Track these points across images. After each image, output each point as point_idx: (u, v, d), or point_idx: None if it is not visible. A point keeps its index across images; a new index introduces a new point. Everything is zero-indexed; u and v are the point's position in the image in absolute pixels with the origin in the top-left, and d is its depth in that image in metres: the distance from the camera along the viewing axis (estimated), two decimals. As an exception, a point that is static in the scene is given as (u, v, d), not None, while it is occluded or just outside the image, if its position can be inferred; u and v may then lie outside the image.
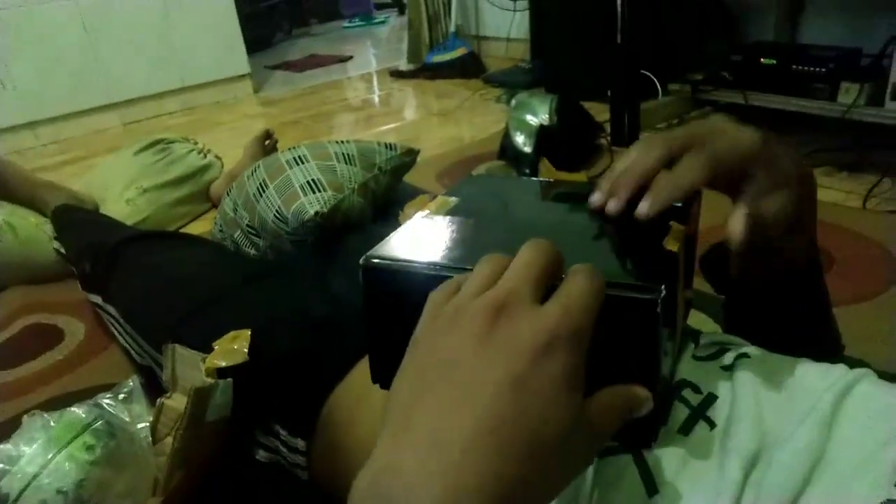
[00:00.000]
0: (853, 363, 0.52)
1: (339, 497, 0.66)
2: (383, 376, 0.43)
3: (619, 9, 1.82)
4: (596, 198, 0.46)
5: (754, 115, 0.41)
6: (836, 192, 1.58)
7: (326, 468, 0.70)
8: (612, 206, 0.44)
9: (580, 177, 0.45)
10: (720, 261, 0.56)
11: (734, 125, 0.46)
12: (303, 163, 0.94)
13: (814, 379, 0.46)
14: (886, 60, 1.63)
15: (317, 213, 0.87)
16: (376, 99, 3.13)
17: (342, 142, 1.02)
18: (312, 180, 0.91)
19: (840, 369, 0.48)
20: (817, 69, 1.78)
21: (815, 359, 0.49)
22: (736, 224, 0.45)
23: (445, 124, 2.53)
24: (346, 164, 0.97)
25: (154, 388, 0.90)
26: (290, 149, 1.02)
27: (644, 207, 0.43)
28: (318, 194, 0.89)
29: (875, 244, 1.31)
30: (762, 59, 1.89)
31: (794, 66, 1.82)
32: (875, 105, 1.66)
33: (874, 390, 0.45)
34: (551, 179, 0.59)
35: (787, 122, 1.80)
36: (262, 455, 0.77)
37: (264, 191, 0.94)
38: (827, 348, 0.62)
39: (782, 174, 0.46)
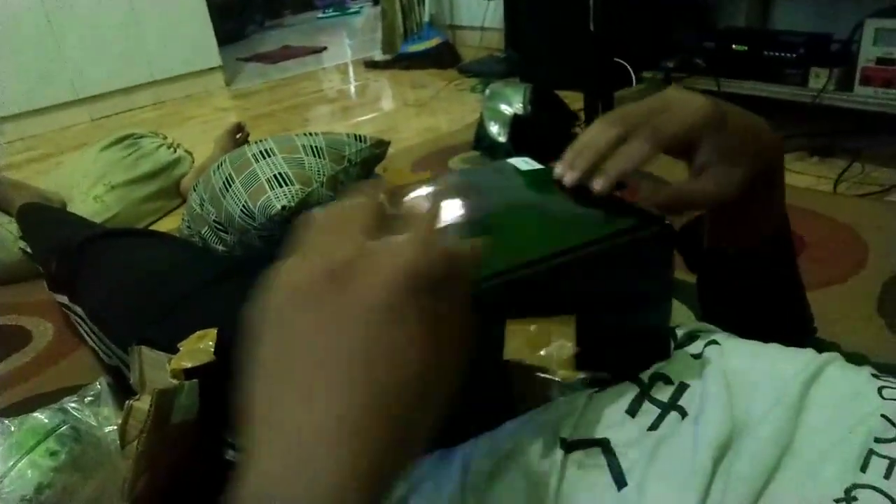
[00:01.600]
0: (824, 346, 0.52)
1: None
2: None
3: (591, -4, 1.81)
4: (558, 169, 0.49)
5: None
6: (807, 176, 1.59)
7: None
8: (569, 177, 0.47)
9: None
10: (693, 235, 0.57)
11: (685, 96, 0.48)
12: (269, 156, 0.92)
13: (783, 365, 0.46)
14: (855, 45, 1.64)
15: (284, 207, 0.86)
16: (351, 90, 3.10)
17: (310, 134, 1.01)
18: (279, 174, 0.89)
19: (809, 354, 0.48)
20: (788, 55, 1.79)
21: (787, 341, 0.49)
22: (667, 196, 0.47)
23: (421, 115, 2.52)
24: (314, 156, 0.95)
25: (123, 389, 0.89)
26: (256, 142, 1.00)
27: (598, 183, 0.46)
28: (285, 188, 0.88)
29: (845, 228, 1.32)
30: (734, 46, 1.89)
31: (765, 52, 1.83)
32: (845, 90, 1.67)
33: (841, 376, 0.45)
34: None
35: (759, 108, 1.80)
36: (231, 454, 0.76)
37: (231, 185, 0.92)
38: (799, 329, 0.62)
39: (734, 141, 0.47)
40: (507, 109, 1.84)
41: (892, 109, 1.56)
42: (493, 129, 1.83)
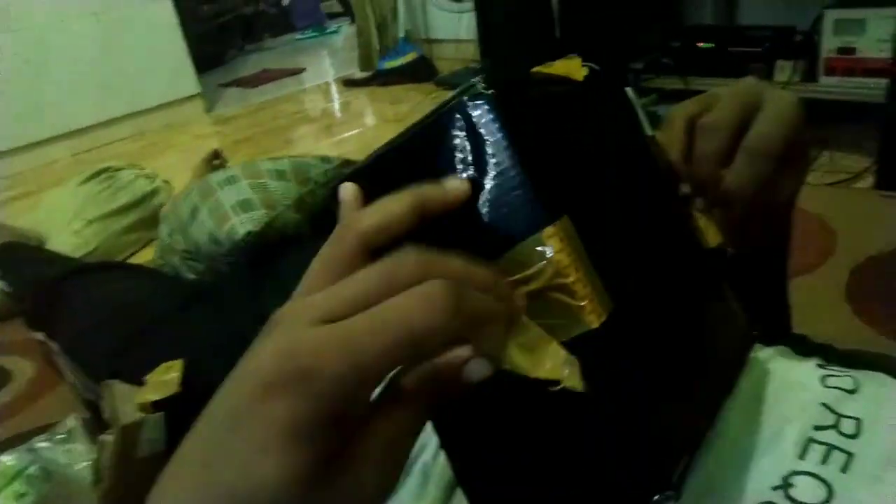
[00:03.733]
0: (771, 341, 0.53)
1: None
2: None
3: (554, 2, 1.84)
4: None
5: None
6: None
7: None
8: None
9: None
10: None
11: (775, 92, 0.44)
12: (233, 183, 0.94)
13: None
14: (817, 36, 1.67)
15: (248, 232, 0.87)
16: (330, 109, 3.12)
17: (275, 159, 1.02)
18: (243, 200, 0.90)
19: (756, 349, 0.49)
20: (753, 49, 1.81)
21: (768, 339, 0.50)
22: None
23: (400, 130, 2.53)
24: (278, 180, 0.96)
25: (100, 424, 0.89)
26: (222, 170, 1.01)
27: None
28: (249, 213, 0.89)
29: (814, 217, 1.34)
30: (700, 44, 1.91)
31: (730, 49, 1.85)
32: (810, 81, 1.69)
33: (786, 367, 0.46)
34: None
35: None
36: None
37: (197, 214, 0.93)
38: (779, 327, 0.63)
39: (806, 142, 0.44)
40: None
41: (856, 97, 1.59)
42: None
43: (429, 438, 0.50)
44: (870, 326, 1.01)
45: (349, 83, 3.35)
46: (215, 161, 1.77)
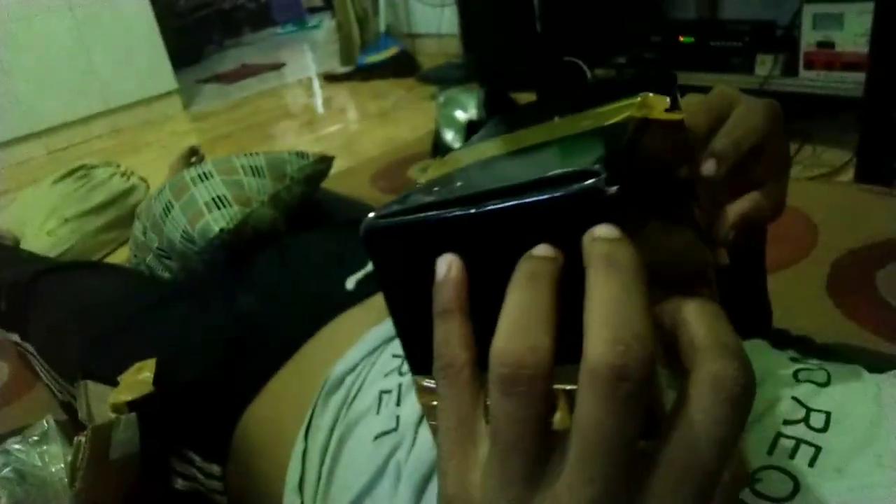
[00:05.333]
0: (747, 336, 0.53)
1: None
2: (422, 363, 0.30)
3: (535, -3, 1.83)
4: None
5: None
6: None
7: (244, 491, 0.68)
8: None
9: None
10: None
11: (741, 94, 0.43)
12: (207, 179, 0.92)
13: None
14: (797, 31, 1.67)
15: (222, 229, 0.85)
16: (311, 105, 3.10)
17: (250, 154, 1.00)
18: (217, 196, 0.88)
19: None
20: (734, 43, 1.81)
21: (747, 333, 0.50)
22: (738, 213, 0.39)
23: (383, 125, 2.52)
24: (253, 176, 0.94)
25: (76, 425, 0.87)
26: (196, 166, 0.99)
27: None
28: (222, 210, 0.87)
29: (795, 211, 1.34)
30: (681, 38, 1.91)
31: (712, 42, 1.85)
32: (790, 75, 1.70)
33: (760, 362, 0.46)
34: None
35: (709, 98, 1.83)
36: (180, 484, 0.75)
37: (170, 211, 0.91)
38: (760, 322, 0.62)
39: (786, 147, 0.43)
40: (461, 115, 1.85)
41: (836, 91, 1.59)
42: (448, 136, 1.83)
43: (403, 437, 0.49)
44: (851, 320, 1.02)
45: (330, 78, 3.32)
46: (193, 158, 1.74)
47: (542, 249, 0.23)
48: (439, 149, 1.87)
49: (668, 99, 0.31)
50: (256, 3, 5.13)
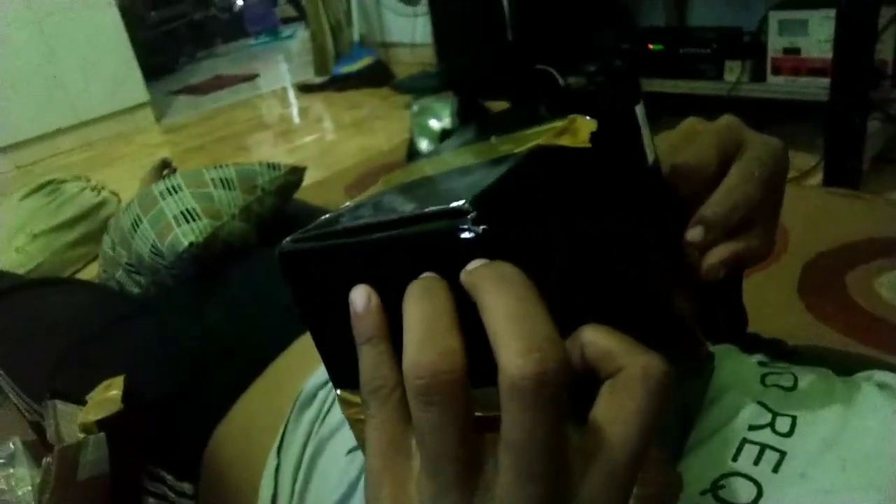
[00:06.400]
0: (746, 338, 0.53)
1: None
2: (344, 377, 0.32)
3: (505, 5, 1.84)
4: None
5: (648, 102, 0.41)
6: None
7: (216, 508, 0.67)
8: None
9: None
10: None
11: (757, 135, 0.41)
12: (176, 192, 0.90)
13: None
14: (764, 37, 1.70)
15: (191, 243, 0.84)
16: (286, 115, 3.08)
17: (220, 167, 0.99)
18: (186, 210, 0.87)
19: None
20: (702, 50, 1.84)
21: (723, 339, 0.50)
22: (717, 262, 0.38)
23: (358, 135, 2.51)
24: (223, 189, 0.93)
25: (45, 445, 0.85)
26: (164, 179, 0.98)
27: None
28: (192, 224, 0.86)
29: (765, 215, 1.36)
30: (650, 46, 1.94)
31: (681, 50, 1.88)
32: (758, 81, 1.73)
33: (728, 368, 0.46)
34: None
35: (678, 105, 1.86)
36: (153, 502, 0.73)
37: (139, 226, 0.90)
38: (735, 328, 0.63)
39: (782, 187, 0.40)
40: (435, 124, 1.85)
41: (803, 96, 1.62)
42: (423, 144, 1.83)
43: None
44: (822, 322, 1.03)
45: (305, 88, 3.31)
46: (165, 171, 1.72)
47: (428, 275, 0.24)
48: (413, 158, 1.88)
49: (595, 123, 0.31)
50: (230, 14, 5.10)
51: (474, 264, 0.22)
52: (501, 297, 0.21)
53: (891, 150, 1.55)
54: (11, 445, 0.85)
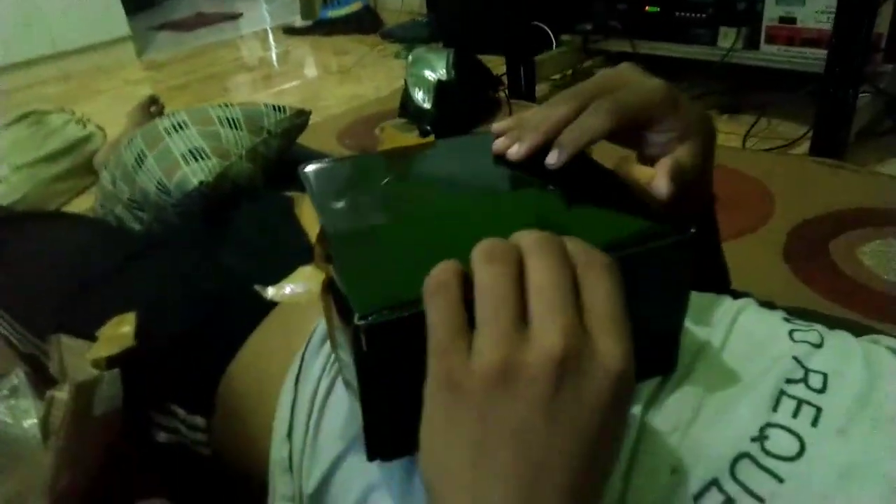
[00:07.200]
0: (737, 295, 0.55)
1: (243, 468, 0.65)
2: (382, 447, 0.35)
3: (508, -41, 1.81)
4: (500, 142, 0.44)
5: (642, 64, 0.42)
6: (717, 133, 1.65)
7: (229, 442, 0.69)
8: (517, 150, 0.43)
9: (426, 139, 0.41)
10: None
11: (640, 74, 0.46)
12: (183, 129, 0.89)
13: (705, 313, 0.48)
14: (760, 5, 1.70)
15: (201, 182, 0.83)
16: (271, 58, 3.01)
17: (226, 105, 0.98)
18: (194, 148, 0.87)
19: (727, 301, 0.50)
20: (698, 15, 1.84)
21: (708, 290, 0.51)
22: (662, 176, 0.43)
23: (345, 82, 2.47)
24: (230, 128, 0.93)
25: (42, 378, 0.85)
26: (169, 115, 0.97)
27: (553, 157, 0.42)
28: (200, 163, 0.85)
29: (753, 181, 1.39)
30: (647, 7, 1.93)
31: (676, 13, 1.87)
32: (751, 48, 1.74)
33: (756, 320, 0.48)
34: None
35: (671, 69, 1.86)
36: (162, 437, 0.74)
37: (143, 162, 0.89)
38: (720, 286, 0.65)
39: (689, 121, 0.45)
40: (430, 75, 1.83)
41: (795, 66, 1.64)
42: (418, 95, 1.82)
43: None
44: (806, 285, 1.07)
45: (290, 31, 3.23)
46: (152, 107, 1.69)
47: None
48: (408, 108, 1.86)
49: (324, 275, 0.36)
50: (211, -51, 4.91)
51: None
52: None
53: (876, 124, 1.58)
54: (15, 378, 0.85)
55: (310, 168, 0.48)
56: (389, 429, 0.34)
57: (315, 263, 0.38)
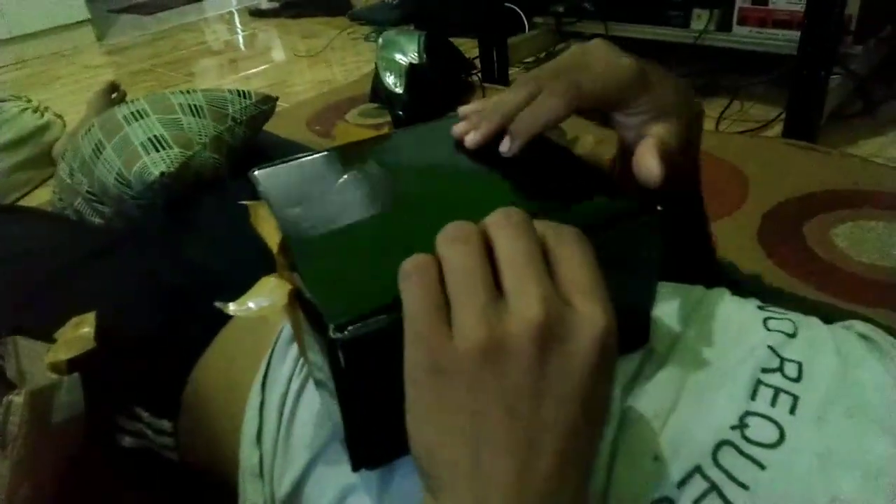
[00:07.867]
0: (725, 267, 0.54)
1: (211, 472, 0.63)
2: (365, 457, 0.35)
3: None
4: (459, 128, 0.44)
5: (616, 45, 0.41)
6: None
7: (196, 445, 0.66)
8: (472, 138, 0.43)
9: (380, 133, 0.40)
10: None
11: (611, 52, 0.44)
12: (143, 118, 0.85)
13: (675, 304, 0.47)
14: (733, -14, 1.70)
15: (162, 173, 0.80)
16: (237, 41, 2.94)
17: (188, 92, 0.94)
18: (154, 136, 0.83)
19: (698, 291, 0.49)
20: (671, -4, 1.82)
21: (702, 280, 0.51)
22: (648, 156, 0.42)
23: (314, 66, 2.42)
24: (193, 116, 0.89)
25: (3, 383, 0.82)
26: (127, 102, 0.92)
27: (505, 145, 0.42)
28: (162, 152, 0.81)
29: (727, 164, 1.39)
30: (620, -12, 1.91)
31: (649, -5, 1.86)
32: (724, 30, 1.73)
33: (731, 310, 0.47)
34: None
35: (645, 51, 1.85)
36: (128, 441, 0.72)
37: (101, 152, 0.85)
38: (709, 269, 0.64)
39: (664, 101, 0.44)
40: (402, 59, 1.79)
41: (767, 48, 1.64)
42: (390, 79, 1.78)
43: None
44: (780, 268, 1.07)
45: (256, 13, 3.16)
46: (114, 94, 1.63)
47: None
48: (379, 93, 1.82)
49: (289, 286, 0.35)
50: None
51: None
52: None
53: (847, 106, 1.59)
54: (-31, 380, 0.82)
55: (261, 172, 0.45)
56: (373, 436, 0.33)
57: (279, 273, 0.36)
